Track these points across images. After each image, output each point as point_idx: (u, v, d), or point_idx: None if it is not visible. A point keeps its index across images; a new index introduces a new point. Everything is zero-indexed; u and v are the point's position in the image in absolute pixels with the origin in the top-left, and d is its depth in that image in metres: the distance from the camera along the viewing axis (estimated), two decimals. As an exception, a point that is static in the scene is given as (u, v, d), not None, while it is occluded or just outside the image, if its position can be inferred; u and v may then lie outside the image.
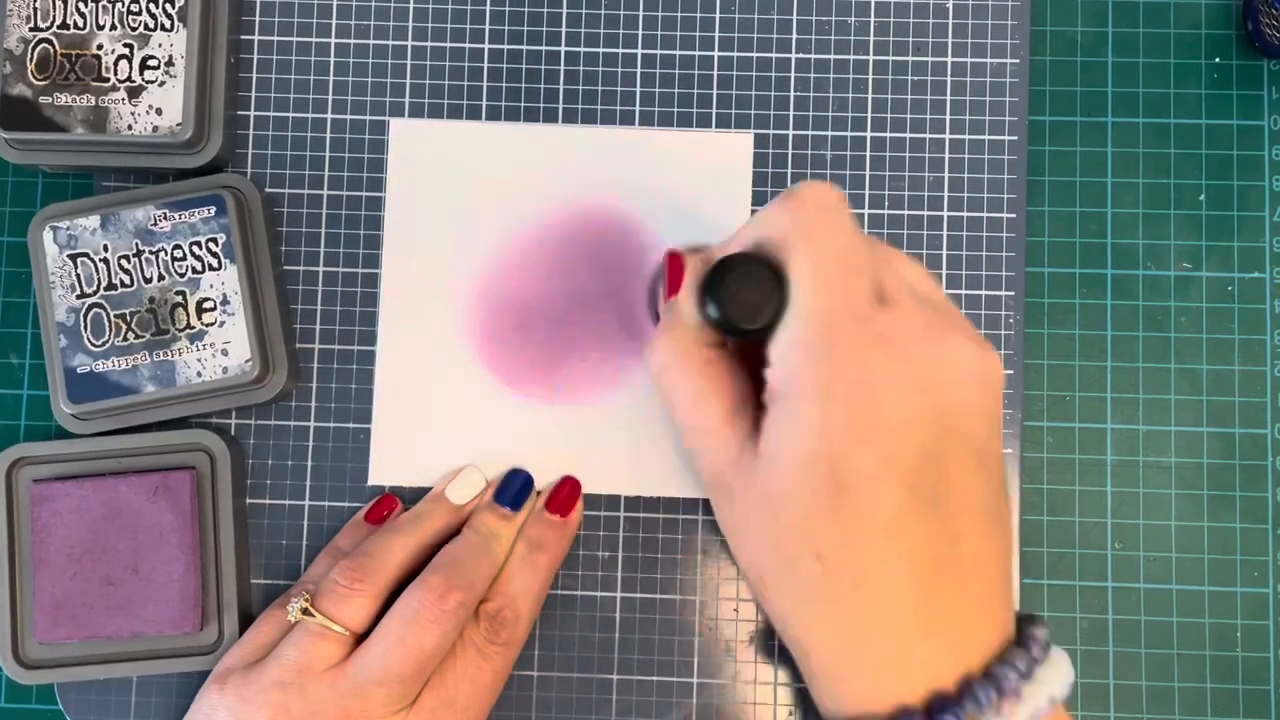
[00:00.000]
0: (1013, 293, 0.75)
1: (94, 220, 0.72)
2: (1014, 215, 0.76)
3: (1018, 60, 0.77)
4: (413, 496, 0.75)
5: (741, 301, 0.60)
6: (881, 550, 0.56)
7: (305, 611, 0.69)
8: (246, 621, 0.73)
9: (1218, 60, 0.77)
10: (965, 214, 0.76)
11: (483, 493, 0.74)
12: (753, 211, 0.76)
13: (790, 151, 0.76)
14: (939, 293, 0.63)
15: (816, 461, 0.56)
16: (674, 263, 0.66)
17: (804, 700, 0.73)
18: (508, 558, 0.72)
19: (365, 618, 0.69)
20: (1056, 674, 0.57)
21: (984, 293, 0.75)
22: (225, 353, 0.71)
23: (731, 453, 0.61)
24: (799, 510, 0.57)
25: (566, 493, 0.74)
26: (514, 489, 0.74)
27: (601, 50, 0.77)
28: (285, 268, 0.76)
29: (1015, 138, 0.76)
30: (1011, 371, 0.75)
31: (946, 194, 0.76)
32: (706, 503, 0.75)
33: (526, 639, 0.73)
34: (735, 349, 0.63)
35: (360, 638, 0.69)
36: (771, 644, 0.74)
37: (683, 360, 0.62)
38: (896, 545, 0.56)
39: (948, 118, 0.76)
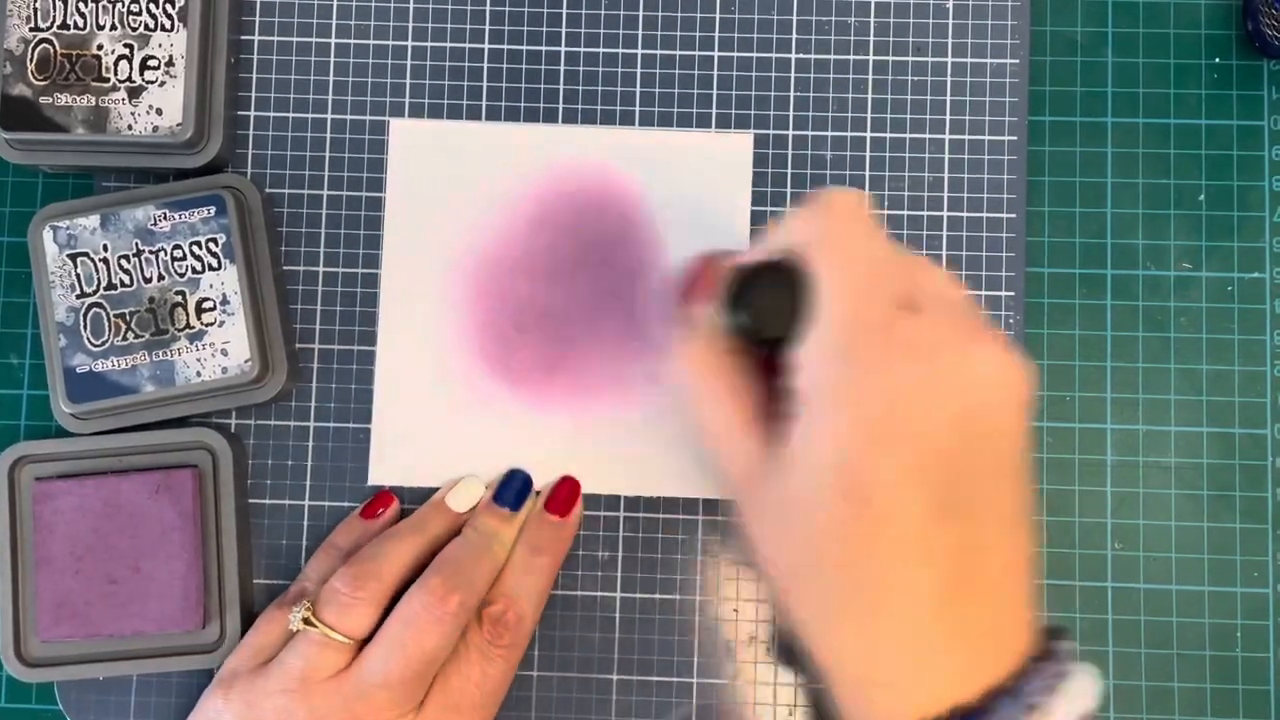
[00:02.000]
0: (1013, 293, 0.75)
1: (94, 220, 0.72)
2: (1014, 215, 0.76)
3: (1017, 60, 0.77)
4: (412, 496, 0.75)
5: (766, 309, 0.59)
6: (904, 561, 0.55)
7: (307, 621, 0.69)
8: (248, 620, 0.73)
9: (1218, 60, 0.77)
10: (965, 214, 0.76)
11: (482, 496, 0.74)
12: (753, 212, 0.76)
13: (790, 152, 0.76)
14: (967, 300, 0.61)
15: (839, 470, 0.55)
16: (704, 269, 0.65)
17: (815, 701, 0.73)
18: (508, 559, 0.72)
19: (367, 625, 0.69)
20: (1081, 689, 0.55)
21: (984, 293, 0.75)
22: (225, 353, 0.71)
23: (753, 458, 0.59)
24: (821, 520, 0.56)
25: (565, 493, 0.74)
26: (513, 489, 0.74)
27: (601, 50, 0.77)
28: (285, 268, 0.76)
29: (1015, 138, 0.76)
30: (1012, 372, 0.75)
31: (946, 194, 0.76)
32: (707, 503, 0.75)
33: (529, 640, 0.73)
34: (757, 355, 0.62)
35: (363, 642, 0.69)
36: (771, 644, 0.74)
37: (706, 366, 0.61)
38: (919, 556, 0.55)
39: (947, 118, 0.76)
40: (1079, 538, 0.75)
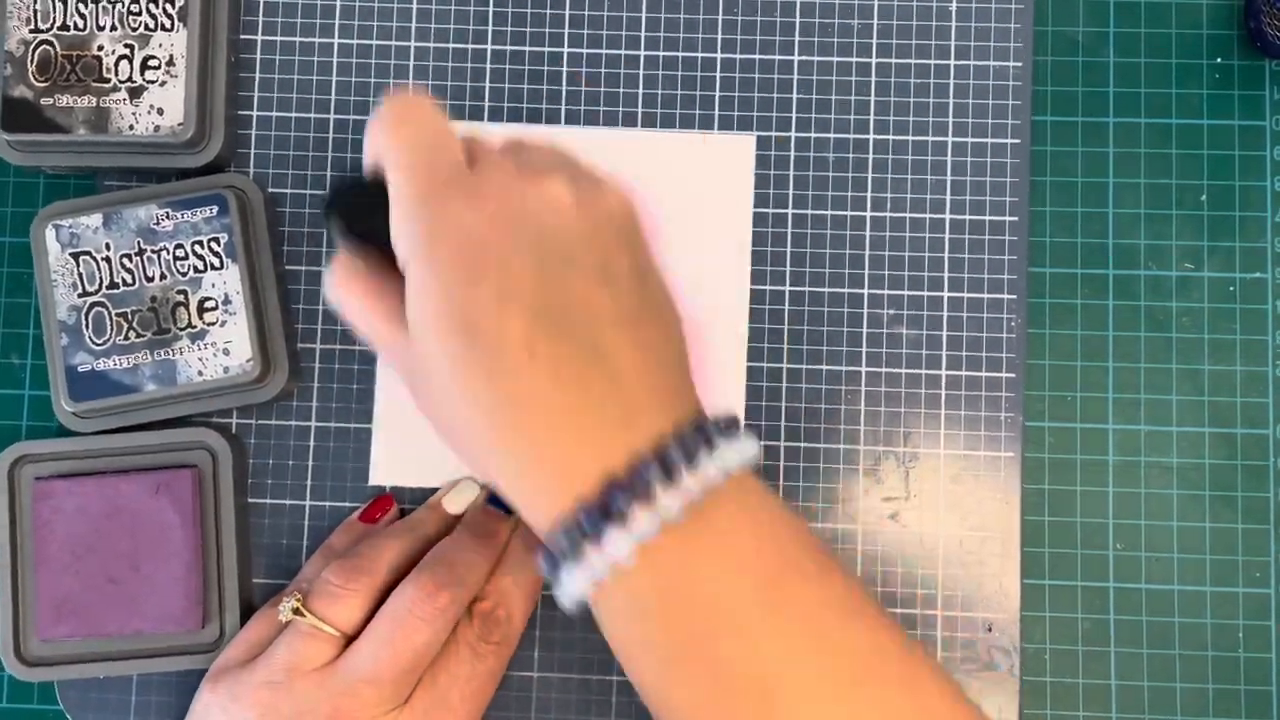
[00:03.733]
0: (1014, 296, 0.75)
1: (96, 219, 0.72)
2: (1016, 218, 0.76)
3: (1020, 63, 0.76)
4: (413, 497, 0.75)
5: (355, 213, 0.64)
6: (522, 372, 0.57)
7: (297, 612, 0.69)
8: (248, 619, 0.73)
9: (1219, 60, 0.77)
10: (968, 217, 0.76)
11: (477, 498, 0.75)
12: (755, 214, 0.76)
13: (792, 154, 0.76)
14: (562, 155, 0.66)
15: (440, 313, 0.58)
16: None
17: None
18: (501, 557, 0.73)
19: (357, 619, 0.69)
20: (734, 450, 0.58)
21: (986, 296, 0.75)
22: (226, 352, 0.72)
23: (400, 346, 0.62)
24: (447, 362, 0.59)
25: None
26: None
27: (604, 52, 0.77)
28: (287, 267, 0.76)
29: (1018, 141, 0.76)
30: (1013, 375, 0.75)
31: (949, 197, 0.76)
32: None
33: (520, 638, 0.73)
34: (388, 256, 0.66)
35: (352, 638, 0.69)
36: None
37: (342, 283, 0.64)
38: (535, 363, 0.57)
39: (950, 120, 0.76)
40: (1081, 538, 0.75)
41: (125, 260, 0.72)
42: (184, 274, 0.72)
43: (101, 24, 0.72)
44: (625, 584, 0.57)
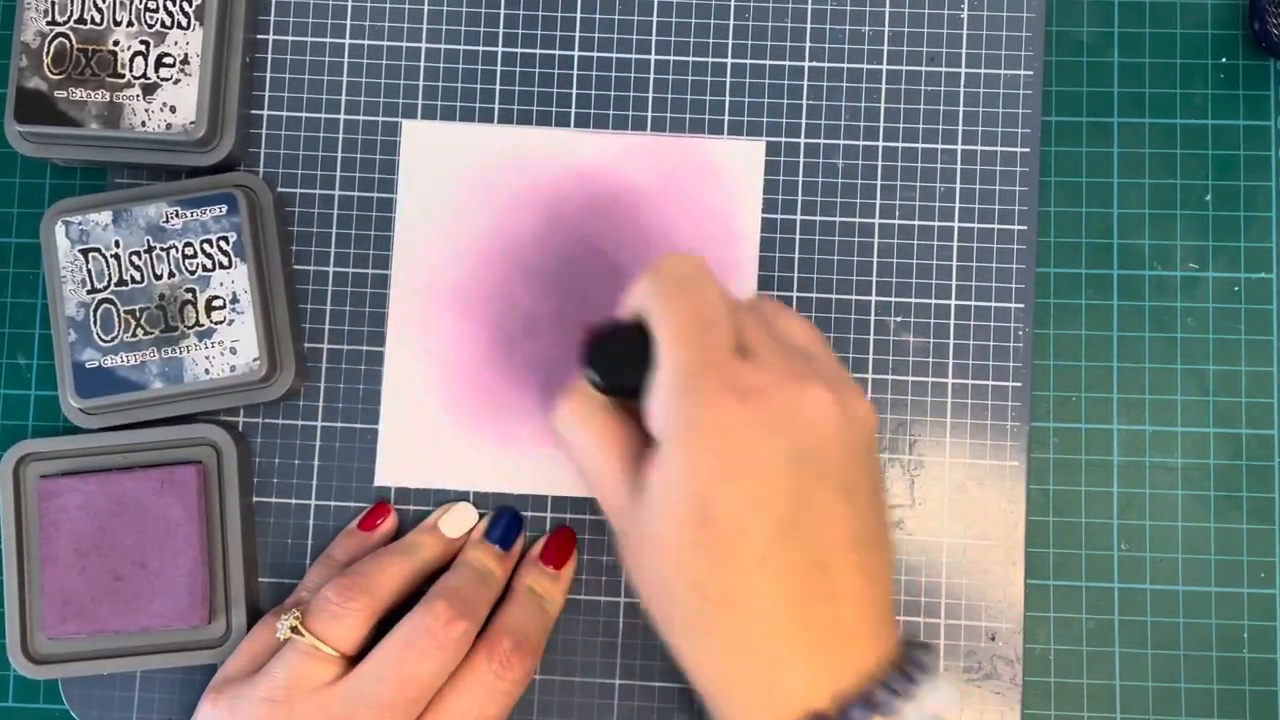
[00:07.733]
0: (1022, 305, 0.75)
1: (106, 216, 0.72)
2: (1025, 228, 0.76)
3: (1031, 72, 0.77)
4: (417, 498, 0.75)
5: (617, 364, 0.65)
6: (751, 579, 0.59)
7: (295, 630, 0.68)
8: (253, 616, 0.73)
9: (1224, 60, 0.78)
10: (976, 225, 0.76)
11: (474, 528, 0.75)
12: (764, 219, 0.76)
13: (802, 160, 0.77)
14: (815, 342, 0.67)
15: (686, 500, 0.60)
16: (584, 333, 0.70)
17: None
18: (514, 594, 0.73)
19: (356, 639, 0.69)
20: (936, 695, 0.59)
21: (993, 305, 0.76)
22: (233, 351, 0.72)
23: (625, 500, 0.63)
24: (675, 546, 0.60)
25: (558, 545, 0.75)
26: (502, 527, 0.75)
27: (615, 55, 0.77)
28: (295, 267, 0.77)
29: (1028, 150, 0.76)
30: (1020, 384, 0.75)
31: (958, 205, 0.76)
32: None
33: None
34: (632, 406, 0.66)
35: (352, 659, 0.69)
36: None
37: (579, 418, 0.65)
38: (765, 574, 0.59)
39: (960, 128, 0.77)
40: (1085, 539, 0.75)
41: (134, 258, 0.72)
42: (192, 272, 0.72)
43: (118, 19, 0.72)
44: None
